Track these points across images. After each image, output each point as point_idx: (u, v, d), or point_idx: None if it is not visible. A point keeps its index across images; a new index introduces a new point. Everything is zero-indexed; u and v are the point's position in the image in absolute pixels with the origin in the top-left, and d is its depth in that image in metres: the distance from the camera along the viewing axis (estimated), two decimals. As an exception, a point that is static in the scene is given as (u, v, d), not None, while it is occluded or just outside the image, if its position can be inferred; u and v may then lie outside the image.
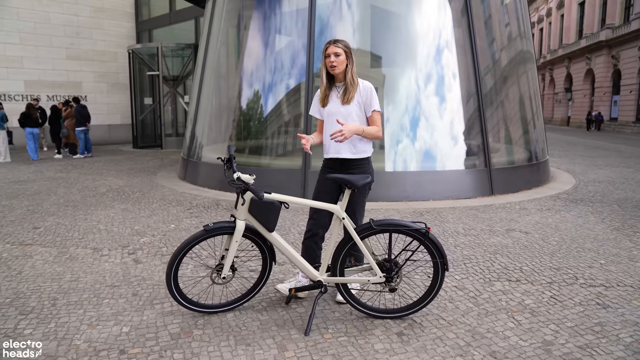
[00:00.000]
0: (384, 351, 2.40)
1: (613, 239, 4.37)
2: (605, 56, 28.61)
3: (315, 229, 2.91)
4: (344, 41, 2.77)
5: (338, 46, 2.73)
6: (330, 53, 2.73)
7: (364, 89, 2.81)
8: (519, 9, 8.33)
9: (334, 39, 2.79)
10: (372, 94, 2.80)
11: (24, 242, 4.45)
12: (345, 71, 2.77)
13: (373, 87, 2.83)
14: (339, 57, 2.72)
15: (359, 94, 2.80)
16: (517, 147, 7.68)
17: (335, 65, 2.72)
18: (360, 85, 2.81)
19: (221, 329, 2.66)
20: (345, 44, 2.76)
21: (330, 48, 2.73)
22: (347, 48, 2.75)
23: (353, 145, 2.81)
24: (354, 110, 2.79)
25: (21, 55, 14.88)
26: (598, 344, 2.43)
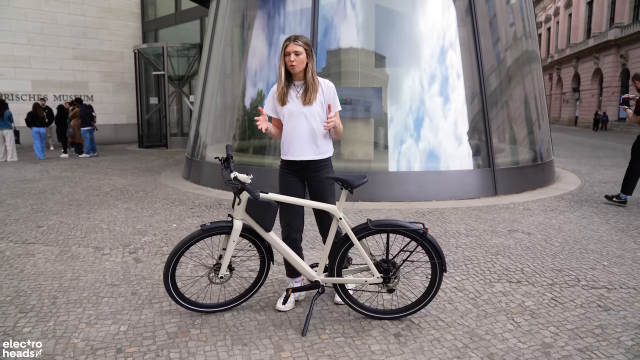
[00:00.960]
0: (381, 352, 2.38)
1: (617, 240, 4.32)
2: (613, 55, 28.36)
3: (292, 234, 2.83)
4: (304, 38, 2.67)
5: (298, 44, 2.62)
6: (290, 51, 2.62)
7: (328, 88, 2.74)
8: (525, 9, 8.27)
9: (294, 36, 2.66)
10: (335, 94, 2.75)
11: (27, 240, 4.47)
12: (306, 70, 2.68)
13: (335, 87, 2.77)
14: (299, 56, 2.62)
15: (322, 94, 2.72)
16: (522, 148, 7.62)
17: (295, 64, 2.62)
18: (322, 85, 2.73)
19: (218, 328, 2.66)
20: (306, 41, 2.65)
21: (290, 46, 2.62)
22: (307, 46, 2.65)
23: (317, 146, 2.74)
24: (317, 111, 2.71)
25: (29, 55, 14.99)
26: (598, 347, 2.40)
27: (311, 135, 2.72)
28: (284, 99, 2.71)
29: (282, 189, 2.81)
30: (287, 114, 2.73)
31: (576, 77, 35.23)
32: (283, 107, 2.73)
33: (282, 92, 2.70)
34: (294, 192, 2.76)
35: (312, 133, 2.72)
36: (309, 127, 2.71)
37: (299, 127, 2.70)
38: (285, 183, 2.81)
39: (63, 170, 9.65)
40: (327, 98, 2.73)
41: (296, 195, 2.73)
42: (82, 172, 9.26)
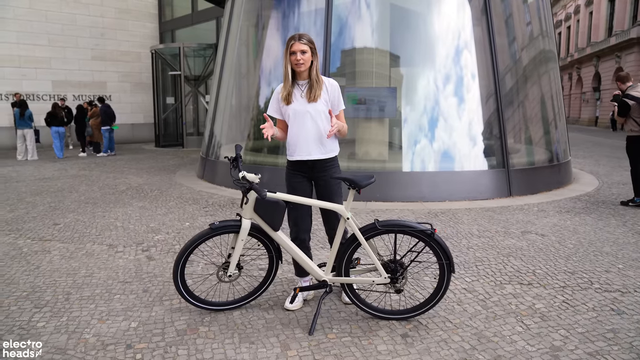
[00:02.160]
0: (387, 352, 2.38)
1: (634, 243, 4.23)
2: (636, 54, 27.69)
3: (300, 234, 2.85)
4: (308, 35, 2.66)
5: (303, 42, 2.61)
6: (296, 50, 2.61)
7: (332, 87, 2.75)
8: (542, 8, 8.14)
9: (298, 34, 2.65)
10: (339, 93, 2.76)
11: (43, 237, 4.58)
12: (310, 68, 2.68)
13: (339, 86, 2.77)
14: (305, 55, 2.62)
15: (326, 92, 2.72)
16: (537, 148, 7.51)
17: (302, 62, 2.62)
18: (326, 83, 2.74)
19: (227, 326, 2.69)
20: (310, 39, 2.65)
21: (296, 45, 2.60)
22: (311, 44, 2.65)
23: (323, 145, 2.74)
24: (322, 109, 2.71)
25: (49, 56, 15.32)
26: (609, 351, 2.36)
27: (317, 135, 2.72)
28: (289, 99, 2.71)
29: (289, 189, 2.82)
30: (292, 114, 2.73)
31: (597, 76, 34.52)
32: (288, 107, 2.73)
33: (288, 92, 2.70)
34: (301, 192, 2.77)
35: (318, 132, 2.72)
36: (315, 126, 2.71)
37: (304, 126, 2.70)
38: (292, 184, 2.82)
39: (81, 169, 9.84)
40: (331, 96, 2.73)
41: (303, 196, 2.74)
42: (99, 171, 9.43)
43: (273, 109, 2.83)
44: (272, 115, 2.80)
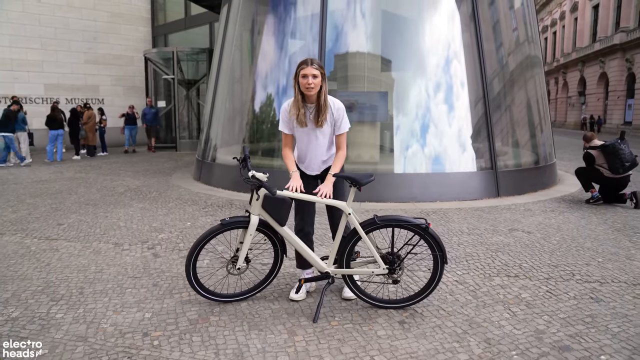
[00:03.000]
0: (386, 337, 2.58)
1: (613, 239, 4.50)
2: (619, 59, 28.43)
3: (305, 227, 3.07)
4: (319, 61, 2.80)
5: (315, 67, 2.71)
6: (307, 74, 2.70)
7: (337, 109, 2.86)
8: (527, 14, 8.46)
9: (309, 59, 2.75)
10: (345, 114, 2.89)
11: (49, 237, 4.72)
12: (319, 93, 2.78)
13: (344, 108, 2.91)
14: (316, 79, 2.72)
15: (332, 115, 2.86)
16: (524, 151, 7.80)
17: (313, 87, 2.72)
18: (332, 106, 2.85)
19: (236, 316, 2.88)
20: (321, 64, 2.76)
21: (308, 69, 2.70)
22: (322, 69, 2.76)
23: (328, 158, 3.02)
24: (327, 131, 2.91)
25: (42, 59, 15.36)
26: (587, 333, 2.59)
27: (322, 152, 2.98)
28: (305, 120, 2.84)
29: None
30: (300, 134, 2.95)
31: (582, 81, 35.29)
32: (301, 128, 2.90)
33: (299, 113, 2.81)
34: (307, 191, 2.96)
35: (322, 150, 2.98)
36: (320, 145, 2.95)
37: (312, 146, 2.94)
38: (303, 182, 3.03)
39: (77, 171, 9.93)
40: (336, 118, 2.88)
41: (311, 193, 2.93)
42: (95, 174, 9.53)
43: (284, 125, 2.96)
44: (283, 131, 2.98)
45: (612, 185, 6.04)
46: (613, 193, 6.10)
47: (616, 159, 5.81)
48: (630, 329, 2.63)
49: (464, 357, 2.37)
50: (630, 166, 5.80)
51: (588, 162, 6.23)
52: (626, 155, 5.78)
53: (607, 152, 5.93)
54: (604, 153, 5.97)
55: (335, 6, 7.40)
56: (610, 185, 6.04)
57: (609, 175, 5.98)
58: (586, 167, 6.31)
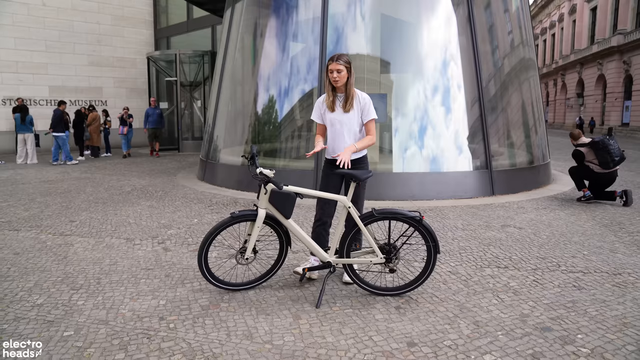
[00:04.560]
0: (384, 320, 2.81)
1: (599, 234, 4.74)
2: (617, 62, 28.69)
3: (323, 217, 3.37)
4: (345, 56, 3.17)
5: (340, 63, 3.11)
6: (333, 69, 3.12)
7: (363, 99, 3.26)
8: (522, 17, 8.70)
9: (336, 56, 3.15)
10: (370, 104, 3.25)
11: (63, 233, 4.95)
12: (347, 84, 3.19)
13: (370, 99, 3.29)
14: (341, 73, 3.12)
15: (358, 103, 3.25)
16: (518, 151, 8.04)
17: (338, 80, 3.14)
18: (359, 96, 3.26)
19: (244, 302, 3.11)
20: (346, 60, 3.14)
21: (333, 65, 3.12)
22: (347, 64, 3.14)
23: None
24: (354, 116, 3.25)
25: (46, 62, 15.60)
26: (567, 316, 2.82)
27: (349, 138, 3.25)
28: (333, 107, 3.25)
29: (322, 180, 3.38)
30: (331, 120, 3.28)
31: (580, 82, 35.55)
32: (329, 114, 3.28)
33: (331, 101, 3.25)
34: (331, 185, 3.30)
35: (350, 136, 3.26)
36: (349, 130, 3.24)
37: (340, 131, 3.26)
38: (326, 175, 3.37)
39: (82, 172, 10.17)
40: (362, 107, 3.25)
41: (333, 188, 3.28)
42: (101, 174, 9.77)
43: (316, 114, 3.38)
44: (315, 120, 3.38)
45: (602, 181, 6.27)
46: (602, 189, 6.32)
47: (606, 154, 6.06)
48: (607, 312, 2.86)
49: (453, 336, 2.60)
50: (619, 160, 6.08)
51: (578, 159, 6.47)
52: (615, 150, 6.06)
53: (597, 147, 6.18)
54: (594, 149, 6.22)
55: (336, 9, 7.64)
56: (600, 180, 6.27)
57: (599, 170, 6.22)
58: (577, 166, 6.54)
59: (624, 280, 3.43)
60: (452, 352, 2.43)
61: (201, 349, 2.50)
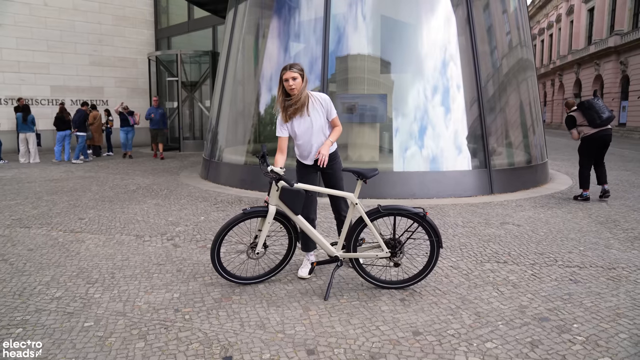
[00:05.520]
0: (389, 311, 2.95)
1: (595, 231, 4.89)
2: (614, 62, 28.88)
3: (311, 215, 3.46)
4: (298, 65, 3.27)
5: (294, 71, 3.19)
6: (288, 78, 3.18)
7: (324, 100, 3.35)
8: (520, 18, 8.85)
9: (289, 65, 3.21)
10: (330, 103, 3.37)
11: (74, 230, 5.07)
12: (302, 90, 3.25)
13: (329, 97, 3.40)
14: (296, 80, 3.19)
15: (320, 104, 3.33)
16: (517, 150, 8.19)
17: (294, 87, 3.20)
18: (319, 97, 3.34)
19: (255, 295, 3.24)
20: (300, 67, 3.23)
21: (287, 73, 3.18)
22: (301, 71, 3.23)
23: None
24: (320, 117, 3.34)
25: (48, 61, 15.69)
26: (564, 307, 2.97)
27: (319, 139, 3.36)
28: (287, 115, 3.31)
29: (299, 179, 3.46)
30: (296, 126, 3.34)
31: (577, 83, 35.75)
32: (297, 123, 3.33)
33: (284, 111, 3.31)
34: (310, 181, 3.40)
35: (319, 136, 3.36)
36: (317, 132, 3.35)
37: (308, 135, 3.35)
38: (302, 175, 3.47)
39: (86, 171, 10.28)
40: (325, 107, 3.35)
41: (312, 183, 3.38)
42: (105, 173, 9.88)
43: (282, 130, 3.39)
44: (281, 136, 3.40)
45: (597, 143, 6.49)
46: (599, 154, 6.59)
47: (593, 112, 6.38)
48: (601, 304, 3.01)
49: (456, 326, 2.74)
50: (607, 118, 6.34)
51: (570, 124, 6.76)
52: (601, 107, 6.39)
53: (584, 108, 6.50)
54: (582, 109, 6.54)
55: (337, 10, 7.77)
56: (595, 143, 6.49)
57: (589, 132, 6.47)
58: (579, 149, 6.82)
59: (618, 274, 3.58)
60: (456, 340, 2.56)
61: (217, 338, 2.63)
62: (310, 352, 2.46)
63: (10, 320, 2.87)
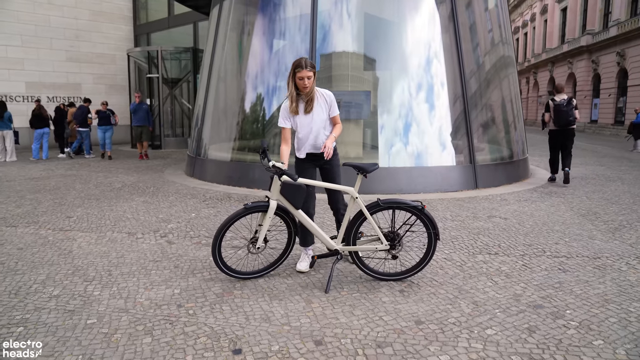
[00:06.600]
0: (390, 302, 3.03)
1: (578, 223, 5.08)
2: (586, 61, 29.73)
3: (310, 210, 3.50)
4: (311, 62, 3.29)
5: (309, 70, 3.21)
6: (303, 77, 3.20)
7: (328, 96, 3.41)
8: (501, 16, 9.05)
9: (303, 62, 3.21)
10: (334, 101, 3.44)
11: (63, 228, 5.00)
12: (312, 87, 3.31)
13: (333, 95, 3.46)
14: (310, 79, 3.24)
15: (325, 102, 3.40)
16: (499, 146, 8.40)
17: (308, 86, 3.25)
18: (324, 94, 3.40)
19: (256, 289, 3.28)
20: (313, 65, 3.26)
21: (303, 72, 3.19)
22: (314, 68, 3.26)
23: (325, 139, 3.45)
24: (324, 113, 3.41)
25: (22, 57, 15.26)
26: (556, 295, 3.10)
27: (320, 134, 3.42)
28: (297, 110, 3.38)
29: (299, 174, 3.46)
30: (304, 123, 3.40)
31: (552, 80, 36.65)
32: (301, 117, 3.40)
33: (294, 106, 3.36)
34: (309, 176, 3.44)
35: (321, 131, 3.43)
36: (319, 127, 3.40)
37: (309, 130, 3.40)
38: (301, 170, 3.51)
39: (67, 169, 10.07)
40: (329, 104, 3.42)
41: (311, 179, 3.42)
42: (86, 171, 9.71)
43: (285, 122, 3.43)
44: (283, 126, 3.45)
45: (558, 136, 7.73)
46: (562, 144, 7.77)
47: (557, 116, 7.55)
48: (590, 291, 3.16)
49: (456, 314, 2.83)
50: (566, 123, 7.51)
51: (546, 108, 7.79)
52: (564, 113, 7.45)
53: (553, 109, 7.58)
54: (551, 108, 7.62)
55: (323, 7, 7.81)
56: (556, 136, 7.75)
57: (553, 127, 7.73)
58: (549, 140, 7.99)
59: (602, 263, 3.74)
60: (457, 328, 2.66)
61: (224, 331, 2.66)
62: (317, 342, 2.52)
63: (9, 320, 2.83)
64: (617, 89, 26.24)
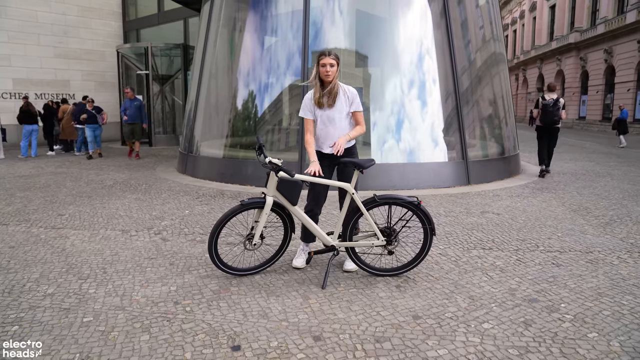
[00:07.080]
0: (387, 297, 3.05)
1: (570, 218, 5.15)
2: (574, 58, 30.04)
3: (315, 208, 3.50)
4: (335, 52, 3.30)
5: (332, 58, 3.21)
6: (326, 63, 3.20)
7: (351, 92, 3.38)
8: (492, 12, 9.10)
9: (327, 51, 3.25)
10: (357, 97, 3.40)
11: (55, 226, 4.94)
12: (335, 78, 3.30)
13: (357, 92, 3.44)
14: (333, 68, 3.22)
15: (346, 96, 3.36)
16: (491, 143, 8.47)
17: (330, 74, 3.23)
18: (347, 89, 3.38)
19: (253, 286, 3.27)
20: (337, 55, 3.25)
21: (326, 59, 3.20)
22: (337, 59, 3.25)
23: None
24: (344, 109, 3.37)
25: (9, 53, 15.03)
26: (550, 289, 3.14)
27: (340, 130, 3.38)
28: (321, 102, 3.34)
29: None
30: (323, 115, 3.38)
31: (540, 77, 36.99)
32: (321, 110, 3.37)
33: (318, 98, 3.32)
34: (325, 175, 3.40)
35: (340, 128, 3.38)
36: (341, 123, 3.37)
37: (333, 125, 3.37)
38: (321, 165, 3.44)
39: (57, 166, 9.96)
40: (350, 100, 3.38)
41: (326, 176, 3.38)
42: (77, 168, 9.60)
43: (307, 111, 3.41)
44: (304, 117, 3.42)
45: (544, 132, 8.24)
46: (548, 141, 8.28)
47: (543, 114, 8.03)
48: (583, 285, 3.21)
49: (453, 309, 2.86)
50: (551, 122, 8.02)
51: (536, 104, 8.24)
52: (547, 116, 7.95)
53: (541, 107, 8.04)
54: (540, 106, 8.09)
55: (315, 3, 7.79)
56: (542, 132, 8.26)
57: (539, 123, 8.23)
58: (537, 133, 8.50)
59: (595, 258, 3.80)
60: (454, 322, 2.68)
61: (222, 328, 2.66)
62: (316, 338, 2.53)
63: (4, 319, 2.80)
64: (605, 85, 26.56)
